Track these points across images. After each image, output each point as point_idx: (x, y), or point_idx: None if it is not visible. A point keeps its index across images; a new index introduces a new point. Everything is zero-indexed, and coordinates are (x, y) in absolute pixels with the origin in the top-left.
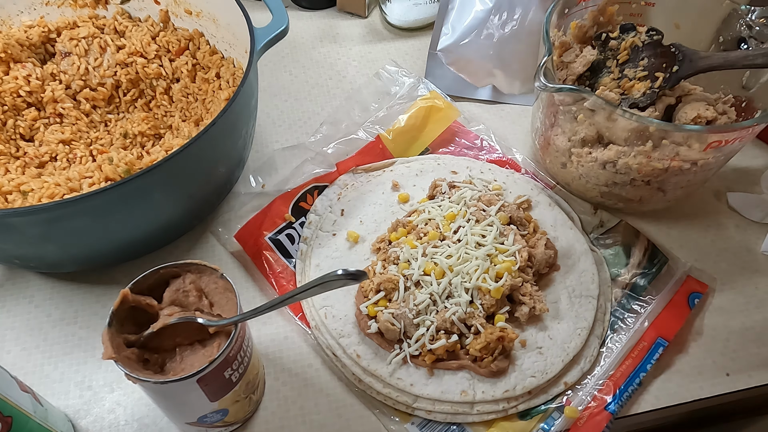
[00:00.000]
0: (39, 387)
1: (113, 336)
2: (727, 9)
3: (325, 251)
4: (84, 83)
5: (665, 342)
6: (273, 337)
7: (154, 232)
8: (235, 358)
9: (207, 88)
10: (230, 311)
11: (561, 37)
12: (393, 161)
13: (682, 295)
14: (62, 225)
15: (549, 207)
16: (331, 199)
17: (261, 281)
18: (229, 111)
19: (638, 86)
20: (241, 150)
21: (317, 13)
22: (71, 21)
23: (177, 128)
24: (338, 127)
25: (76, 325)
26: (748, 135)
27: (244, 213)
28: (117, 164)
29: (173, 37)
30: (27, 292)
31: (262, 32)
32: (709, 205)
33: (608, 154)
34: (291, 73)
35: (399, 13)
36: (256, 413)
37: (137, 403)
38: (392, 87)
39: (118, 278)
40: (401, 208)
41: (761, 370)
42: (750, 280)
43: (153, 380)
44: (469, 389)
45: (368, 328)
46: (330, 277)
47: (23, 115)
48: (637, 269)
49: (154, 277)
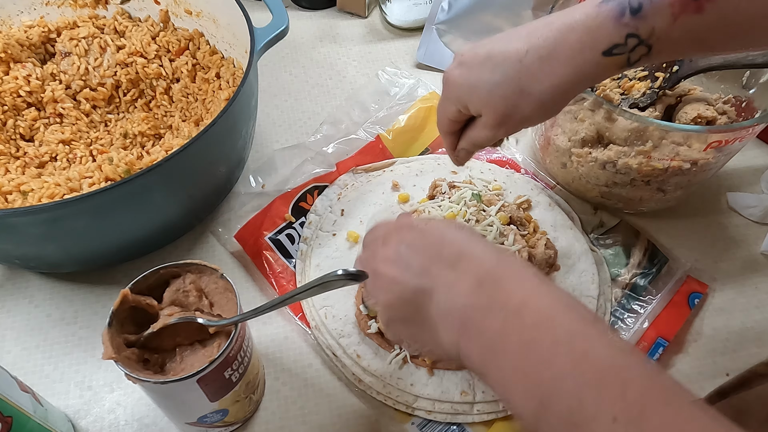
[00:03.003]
0: (39, 387)
1: (113, 336)
2: None
3: (325, 251)
4: (84, 83)
5: (665, 342)
6: (273, 337)
7: (154, 232)
8: (235, 358)
9: (207, 88)
10: (230, 311)
11: None
12: (393, 161)
13: (682, 295)
14: (62, 225)
15: (549, 207)
16: (331, 199)
17: (261, 281)
18: (229, 111)
19: (638, 86)
20: (241, 150)
21: (317, 13)
22: (71, 21)
23: (177, 128)
24: (338, 127)
25: (76, 325)
26: (748, 135)
27: (244, 213)
28: (117, 164)
29: (173, 37)
30: (27, 292)
31: (262, 32)
32: (709, 205)
33: (608, 154)
34: (291, 73)
35: (399, 13)
36: (256, 413)
37: (137, 403)
38: (392, 88)
39: (118, 278)
40: (401, 208)
41: None
42: (750, 280)
43: (153, 380)
44: (469, 389)
45: (368, 328)
46: (330, 277)
47: (23, 115)
48: (637, 269)
49: (154, 277)
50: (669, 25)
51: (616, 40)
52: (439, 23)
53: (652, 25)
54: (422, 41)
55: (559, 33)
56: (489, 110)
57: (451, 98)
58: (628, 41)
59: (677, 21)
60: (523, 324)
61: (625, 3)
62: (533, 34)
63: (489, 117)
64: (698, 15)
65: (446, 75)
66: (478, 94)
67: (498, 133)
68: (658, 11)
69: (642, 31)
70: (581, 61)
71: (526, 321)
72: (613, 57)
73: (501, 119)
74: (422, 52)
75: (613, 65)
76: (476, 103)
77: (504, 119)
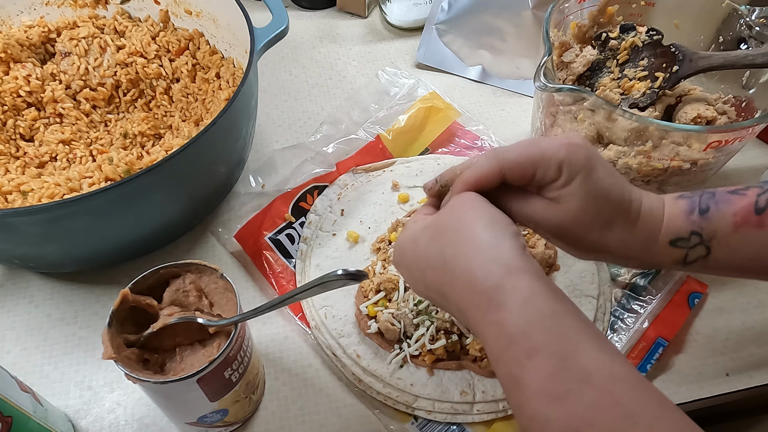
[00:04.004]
0: (39, 387)
1: (113, 336)
2: (727, 9)
3: (325, 251)
4: (84, 83)
5: (665, 342)
6: (273, 337)
7: (154, 232)
8: (235, 358)
9: (207, 88)
10: (230, 311)
11: (561, 37)
12: (393, 161)
13: (682, 295)
14: (62, 225)
15: None
16: (331, 199)
17: (261, 281)
18: (229, 111)
19: (638, 86)
20: (241, 150)
21: (317, 13)
22: (71, 21)
23: (177, 128)
24: (338, 127)
25: (76, 325)
26: (748, 135)
27: (244, 213)
28: (117, 164)
29: (173, 37)
30: (27, 292)
31: (262, 32)
32: None
33: (608, 154)
34: (291, 73)
35: (399, 13)
36: (256, 413)
37: (137, 403)
38: (392, 88)
39: (118, 278)
40: (401, 208)
41: (761, 370)
42: (750, 280)
43: (153, 380)
44: (469, 389)
45: (368, 328)
46: (330, 277)
47: (23, 115)
48: (637, 269)
49: (154, 277)
50: (730, 233)
51: (682, 234)
52: (439, 23)
53: (714, 228)
54: (422, 41)
55: (653, 203)
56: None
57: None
58: (691, 237)
59: (738, 231)
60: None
61: (696, 202)
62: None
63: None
64: (759, 230)
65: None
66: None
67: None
68: (722, 217)
69: (705, 232)
70: (656, 238)
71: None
72: (675, 249)
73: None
74: (422, 52)
75: (672, 257)
76: (580, 191)
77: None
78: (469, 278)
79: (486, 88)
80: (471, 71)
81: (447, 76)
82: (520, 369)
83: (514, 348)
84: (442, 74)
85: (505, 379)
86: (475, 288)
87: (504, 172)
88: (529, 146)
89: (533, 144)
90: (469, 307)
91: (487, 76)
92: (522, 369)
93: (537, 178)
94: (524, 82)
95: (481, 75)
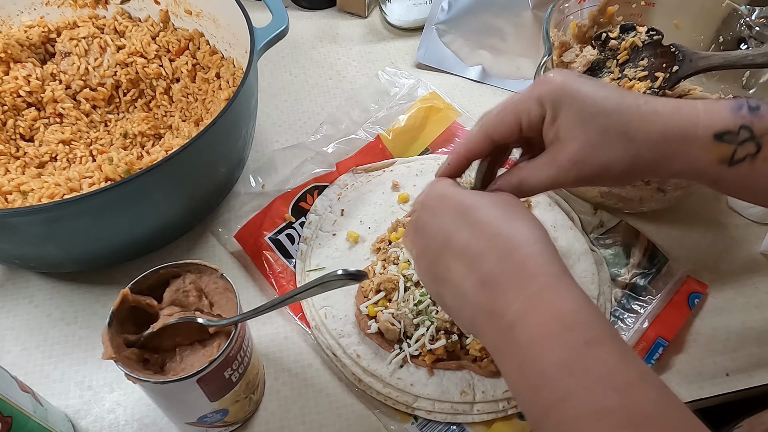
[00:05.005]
0: (39, 387)
1: (113, 336)
2: (727, 9)
3: (325, 251)
4: (84, 83)
5: (665, 342)
6: (273, 337)
7: (154, 232)
8: (235, 358)
9: (207, 88)
10: (230, 311)
11: (561, 37)
12: (393, 161)
13: (682, 295)
14: (62, 225)
15: (549, 207)
16: (331, 199)
17: (261, 281)
18: (229, 111)
19: (638, 86)
20: (241, 150)
21: (317, 13)
22: (71, 21)
23: (177, 128)
24: (338, 127)
25: (76, 325)
26: None
27: (244, 213)
28: (117, 164)
29: (173, 37)
30: (27, 292)
31: (262, 32)
32: (709, 205)
33: None
34: (291, 73)
35: (399, 13)
36: (256, 413)
37: (137, 403)
38: (392, 88)
39: (118, 278)
40: (401, 208)
41: (761, 370)
42: (750, 280)
43: (153, 380)
44: (469, 389)
45: (368, 328)
46: (330, 277)
47: (23, 115)
48: (637, 269)
49: (154, 277)
50: None
51: (730, 127)
52: (439, 23)
53: (766, 125)
54: (422, 41)
55: (678, 102)
56: (576, 135)
57: (544, 97)
58: (740, 132)
59: None
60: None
61: (744, 101)
62: (650, 102)
63: (569, 146)
64: None
65: (546, 76)
66: (580, 107)
67: (563, 175)
68: None
69: (756, 127)
70: (693, 133)
71: (518, 339)
72: (721, 144)
73: (582, 155)
74: (422, 52)
75: (716, 155)
76: (570, 118)
77: (585, 156)
78: (522, 253)
79: (486, 88)
80: (471, 71)
81: (447, 76)
82: (577, 354)
83: (570, 333)
84: (442, 74)
85: (551, 365)
86: (526, 265)
87: (490, 134)
88: (504, 101)
89: (508, 98)
90: (505, 273)
91: (487, 76)
92: (581, 355)
93: (525, 125)
94: (524, 82)
95: (481, 75)
